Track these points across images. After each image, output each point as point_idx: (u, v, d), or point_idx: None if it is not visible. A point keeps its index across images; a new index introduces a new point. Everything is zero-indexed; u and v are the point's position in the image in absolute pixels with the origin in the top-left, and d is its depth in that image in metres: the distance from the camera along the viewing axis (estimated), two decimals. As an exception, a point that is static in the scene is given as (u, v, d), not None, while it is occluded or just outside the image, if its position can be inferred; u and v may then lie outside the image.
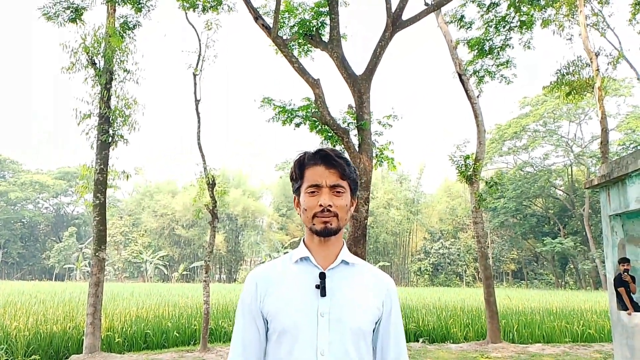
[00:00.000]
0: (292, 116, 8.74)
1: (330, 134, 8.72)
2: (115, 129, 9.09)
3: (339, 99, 11.29)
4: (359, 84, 8.11)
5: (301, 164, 1.34)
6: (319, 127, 8.80)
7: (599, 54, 11.62)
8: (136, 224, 60.33)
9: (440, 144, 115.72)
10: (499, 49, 11.82)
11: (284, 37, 8.67)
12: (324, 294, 1.25)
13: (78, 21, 9.25)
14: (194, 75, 10.10)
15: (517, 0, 10.96)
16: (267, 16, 9.08)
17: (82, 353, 8.18)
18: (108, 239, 11.21)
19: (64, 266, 57.27)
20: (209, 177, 9.64)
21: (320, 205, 1.27)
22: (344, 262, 1.32)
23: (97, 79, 9.01)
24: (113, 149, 9.10)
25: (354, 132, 8.26)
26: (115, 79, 9.25)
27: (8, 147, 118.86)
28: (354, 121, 8.32)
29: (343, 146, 7.97)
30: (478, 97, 11.61)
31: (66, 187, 62.82)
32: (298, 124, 8.84)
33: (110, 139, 9.02)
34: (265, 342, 1.31)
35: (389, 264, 52.05)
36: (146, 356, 8.30)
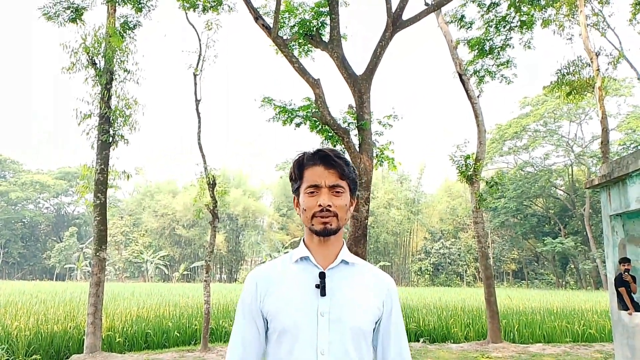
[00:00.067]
0: (293, 116, 8.75)
1: (330, 134, 8.73)
2: (116, 129, 9.10)
3: (339, 99, 11.30)
4: (359, 84, 8.12)
5: (300, 165, 1.34)
6: (320, 127, 8.81)
7: (599, 53, 11.61)
8: (137, 223, 60.39)
9: (440, 144, 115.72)
10: (499, 49, 11.82)
11: (284, 37, 8.66)
12: (323, 294, 1.25)
13: (78, 21, 9.25)
14: (194, 75, 10.11)
15: (517, 0, 10.96)
16: (267, 16, 9.08)
17: (82, 353, 8.18)
18: (109, 238, 11.20)
19: (64, 266, 57.35)
20: (209, 177, 9.65)
21: (320, 205, 1.27)
22: (343, 261, 1.33)
23: (97, 79, 9.01)
24: (113, 149, 9.11)
25: (354, 132, 8.26)
26: (116, 79, 9.25)
27: (8, 147, 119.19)
28: (354, 121, 8.32)
29: (343, 146, 7.97)
30: (478, 97, 11.62)
31: (67, 187, 62.92)
32: (298, 124, 8.85)
33: (111, 139, 9.03)
34: (265, 342, 1.31)
35: (389, 263, 52.03)
36: (147, 356, 8.31)
